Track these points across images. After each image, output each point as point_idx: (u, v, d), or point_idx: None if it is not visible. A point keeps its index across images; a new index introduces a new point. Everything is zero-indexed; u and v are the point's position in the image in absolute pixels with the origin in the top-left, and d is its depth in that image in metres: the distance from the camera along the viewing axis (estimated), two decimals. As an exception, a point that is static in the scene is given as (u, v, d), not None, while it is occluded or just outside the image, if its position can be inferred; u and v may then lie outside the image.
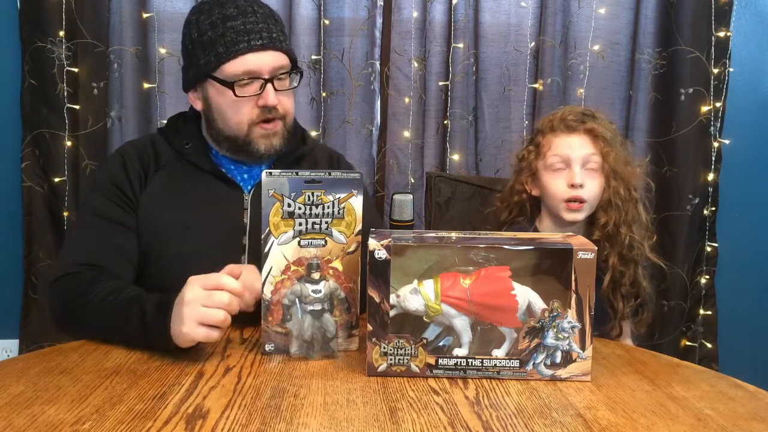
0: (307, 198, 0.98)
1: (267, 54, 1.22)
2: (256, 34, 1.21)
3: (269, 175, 0.97)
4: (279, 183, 0.97)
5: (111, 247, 1.20)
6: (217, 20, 1.21)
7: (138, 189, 1.25)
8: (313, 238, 0.99)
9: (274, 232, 0.98)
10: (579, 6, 2.21)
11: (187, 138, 1.31)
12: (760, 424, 0.83)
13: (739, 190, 2.31)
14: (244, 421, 0.79)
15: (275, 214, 0.97)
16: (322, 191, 0.98)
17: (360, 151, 2.27)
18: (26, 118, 2.21)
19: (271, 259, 0.98)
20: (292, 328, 0.99)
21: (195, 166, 1.28)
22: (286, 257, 0.99)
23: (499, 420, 0.81)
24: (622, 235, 1.41)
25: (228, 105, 1.23)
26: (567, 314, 0.93)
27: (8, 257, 2.28)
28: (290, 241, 0.98)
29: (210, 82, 1.24)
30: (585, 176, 1.41)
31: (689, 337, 2.34)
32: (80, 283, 1.13)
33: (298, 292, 0.99)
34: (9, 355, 2.28)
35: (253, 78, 1.22)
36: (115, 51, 2.18)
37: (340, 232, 1.00)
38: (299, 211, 0.98)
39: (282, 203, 0.97)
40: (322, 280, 0.99)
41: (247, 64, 1.21)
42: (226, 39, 1.20)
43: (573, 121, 1.43)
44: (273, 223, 0.98)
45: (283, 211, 0.97)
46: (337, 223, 0.99)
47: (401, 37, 2.22)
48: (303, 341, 0.99)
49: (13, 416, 0.80)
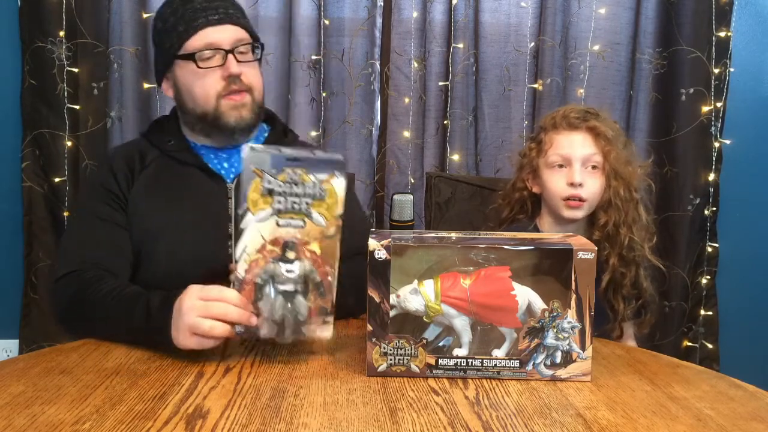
0: (288, 176, 0.95)
1: (225, 27, 1.27)
2: (213, 11, 1.27)
3: (252, 150, 0.94)
4: (261, 158, 0.94)
5: (108, 245, 1.23)
6: (177, 6, 1.29)
7: (126, 188, 1.28)
8: (291, 217, 0.96)
9: (252, 209, 0.95)
10: (579, 6, 2.21)
11: (169, 136, 1.35)
12: (760, 424, 0.83)
13: (740, 191, 2.31)
14: (244, 421, 0.79)
15: (254, 190, 0.94)
16: (304, 170, 0.95)
17: (360, 151, 2.27)
18: (26, 118, 2.21)
19: (246, 237, 0.95)
20: (263, 308, 0.95)
21: (178, 161, 1.31)
22: (262, 236, 0.95)
23: (499, 420, 0.81)
24: (621, 236, 1.41)
25: (194, 80, 1.27)
26: (567, 314, 0.93)
27: (8, 257, 2.28)
28: (268, 218, 0.95)
29: (176, 63, 1.29)
30: (585, 175, 1.40)
31: (690, 338, 2.34)
32: (83, 280, 1.15)
33: (272, 271, 0.95)
34: (9, 355, 2.28)
35: (214, 51, 1.26)
36: (115, 51, 2.18)
37: (320, 214, 0.97)
38: (279, 189, 0.95)
39: (262, 179, 0.94)
40: (296, 260, 0.96)
41: (207, 38, 1.26)
42: (186, 18, 1.26)
43: (575, 118, 1.43)
44: (252, 199, 0.94)
45: (262, 187, 0.94)
46: (317, 204, 0.96)
47: (401, 37, 2.23)
48: (273, 323, 0.96)
49: (13, 416, 0.80)
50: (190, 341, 0.96)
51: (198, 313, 0.94)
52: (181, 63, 1.28)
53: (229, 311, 0.94)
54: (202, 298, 0.95)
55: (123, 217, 1.26)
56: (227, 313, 0.94)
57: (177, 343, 0.97)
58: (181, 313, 0.96)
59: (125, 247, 1.24)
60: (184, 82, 1.29)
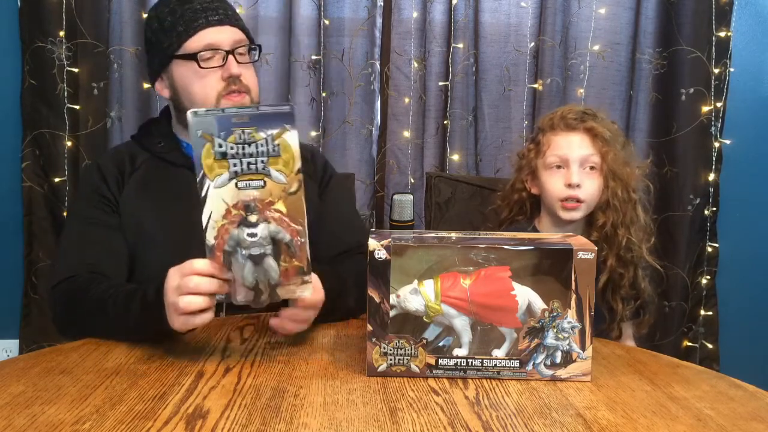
0: (238, 137, 0.92)
1: (225, 29, 1.28)
2: (213, 11, 1.28)
3: (195, 115, 0.92)
4: (206, 122, 0.91)
5: (103, 250, 1.23)
6: (175, 6, 1.28)
7: (116, 191, 1.28)
8: (250, 179, 0.93)
9: (209, 174, 0.92)
10: (579, 6, 2.21)
11: (159, 138, 1.35)
12: (760, 424, 0.83)
13: (740, 191, 2.31)
14: (244, 421, 0.79)
15: (207, 156, 0.92)
16: (254, 128, 0.92)
17: (360, 151, 2.27)
18: (26, 118, 2.21)
19: (209, 204, 0.93)
20: (236, 274, 0.94)
21: (169, 162, 1.31)
22: (225, 201, 0.93)
23: (499, 420, 0.81)
24: (619, 237, 1.41)
25: (193, 80, 1.27)
26: (567, 314, 0.93)
27: (8, 257, 2.28)
28: (227, 183, 0.92)
29: (175, 62, 1.28)
30: (583, 176, 1.40)
31: (690, 338, 2.34)
32: (79, 284, 1.15)
33: (236, 237, 0.93)
34: (9, 355, 2.28)
35: (214, 51, 1.26)
36: (115, 51, 2.18)
37: (279, 171, 0.93)
38: (232, 150, 0.92)
39: (213, 143, 0.92)
40: (259, 222, 0.93)
41: (208, 38, 1.26)
42: (185, 18, 1.27)
43: (573, 119, 1.43)
44: (206, 165, 0.92)
45: (214, 151, 0.92)
46: (273, 161, 0.93)
47: (401, 37, 2.22)
48: (248, 289, 0.94)
49: (13, 416, 0.80)
50: (177, 322, 0.95)
51: (178, 292, 0.93)
52: (180, 63, 1.28)
53: (202, 284, 0.92)
54: (181, 275, 0.94)
55: (116, 219, 1.26)
56: (199, 285, 0.92)
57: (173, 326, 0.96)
58: (165, 297, 0.96)
59: (120, 250, 1.24)
60: (183, 82, 1.29)
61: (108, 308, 1.07)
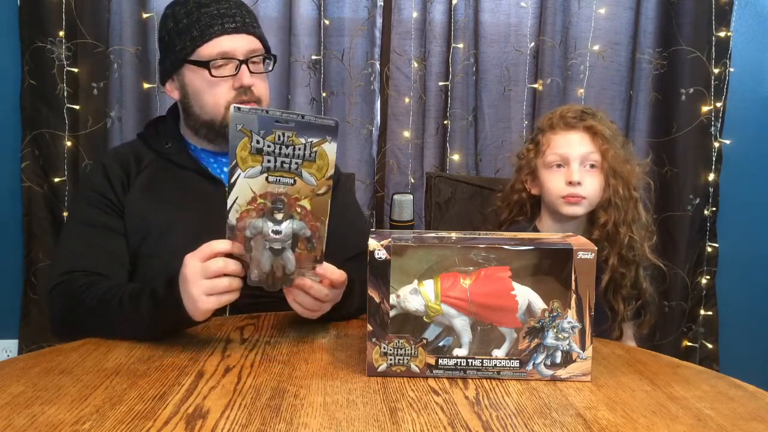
0: (277, 137, 0.93)
1: (240, 37, 1.26)
2: (230, 18, 1.26)
3: (238, 110, 0.93)
4: (248, 119, 0.93)
5: (101, 252, 1.22)
6: (192, 8, 1.26)
7: (121, 192, 1.26)
8: (282, 175, 0.95)
9: (242, 166, 0.94)
10: (579, 6, 2.21)
11: (166, 138, 1.33)
12: (760, 424, 0.83)
13: (740, 191, 2.31)
14: (244, 421, 0.79)
15: (243, 149, 0.93)
16: (293, 133, 0.94)
17: (360, 151, 2.27)
18: (26, 118, 2.21)
19: (237, 190, 0.94)
20: (253, 257, 0.97)
21: (176, 164, 1.30)
22: (252, 189, 0.94)
23: (499, 420, 0.81)
24: (621, 235, 1.41)
25: (204, 88, 1.26)
26: (567, 314, 0.93)
27: (8, 257, 2.28)
28: (258, 175, 0.94)
29: (187, 67, 1.27)
30: (584, 174, 1.40)
31: (690, 338, 2.34)
32: (78, 286, 1.14)
33: (259, 229, 0.96)
34: (9, 355, 2.28)
35: (228, 60, 1.25)
36: (115, 51, 2.18)
37: (311, 174, 0.95)
38: (268, 148, 0.94)
39: (251, 139, 0.93)
40: (285, 220, 0.95)
41: (222, 46, 1.25)
42: (201, 23, 1.25)
43: (572, 118, 1.43)
44: (240, 156, 0.93)
45: (251, 146, 0.93)
46: (307, 165, 0.95)
47: (401, 37, 2.22)
48: (262, 272, 0.97)
49: (13, 416, 0.80)
50: (209, 302, 0.96)
51: (203, 275, 0.95)
52: (192, 68, 1.26)
53: (229, 264, 0.96)
54: (201, 260, 0.96)
55: (117, 222, 1.24)
56: (227, 265, 0.95)
57: (196, 313, 0.98)
58: (188, 284, 0.97)
59: (120, 253, 1.23)
60: (194, 87, 1.28)
61: (111, 308, 1.07)
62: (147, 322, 1.04)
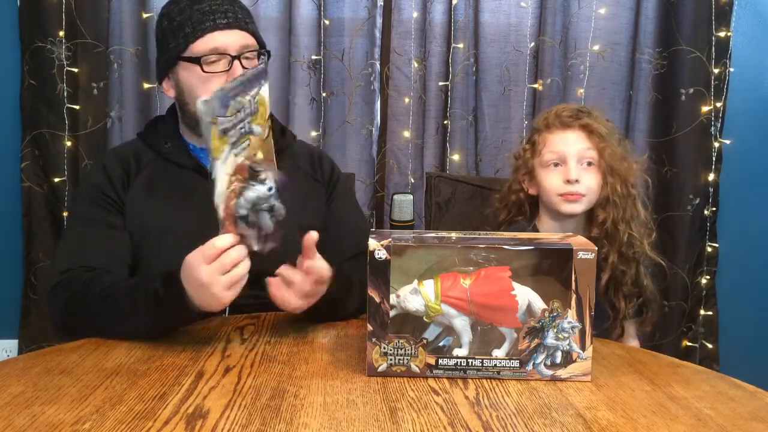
0: (233, 108, 0.96)
1: (233, 32, 1.26)
2: (222, 14, 1.26)
3: (204, 103, 0.95)
4: (211, 105, 0.95)
5: (102, 250, 1.22)
6: (185, 6, 1.27)
7: (121, 191, 1.27)
8: (242, 143, 0.98)
9: (216, 155, 0.96)
10: (579, 6, 2.21)
11: (166, 138, 1.34)
12: (760, 424, 0.83)
13: (740, 191, 2.31)
14: (244, 421, 0.79)
15: (214, 138, 0.96)
16: (241, 94, 0.97)
17: (360, 151, 2.27)
18: (26, 118, 2.21)
19: (218, 184, 0.97)
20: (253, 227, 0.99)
21: (175, 164, 1.30)
22: (227, 173, 0.97)
23: (499, 420, 0.81)
24: (620, 233, 1.41)
25: (198, 84, 1.26)
26: (567, 314, 0.93)
27: (8, 257, 2.28)
28: (228, 156, 0.97)
29: (180, 64, 1.27)
30: (581, 171, 1.40)
31: (690, 338, 2.34)
32: (77, 284, 1.14)
33: (253, 199, 0.99)
34: (9, 355, 2.28)
35: (220, 55, 1.25)
36: (115, 51, 2.18)
37: (258, 125, 1.00)
38: (229, 124, 0.96)
39: (217, 124, 0.95)
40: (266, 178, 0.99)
41: (214, 42, 1.25)
42: (193, 20, 1.25)
43: (568, 117, 1.43)
44: (214, 147, 0.96)
45: (218, 131, 0.95)
46: (254, 118, 0.99)
47: (401, 37, 2.22)
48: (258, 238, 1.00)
49: (13, 416, 0.80)
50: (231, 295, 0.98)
51: (220, 273, 0.96)
52: (186, 65, 1.27)
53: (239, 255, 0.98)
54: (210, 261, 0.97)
55: (119, 219, 1.25)
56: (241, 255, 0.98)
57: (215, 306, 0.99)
58: (209, 288, 0.97)
59: (121, 251, 1.23)
60: (188, 84, 1.28)
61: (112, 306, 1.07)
62: (147, 321, 1.04)
